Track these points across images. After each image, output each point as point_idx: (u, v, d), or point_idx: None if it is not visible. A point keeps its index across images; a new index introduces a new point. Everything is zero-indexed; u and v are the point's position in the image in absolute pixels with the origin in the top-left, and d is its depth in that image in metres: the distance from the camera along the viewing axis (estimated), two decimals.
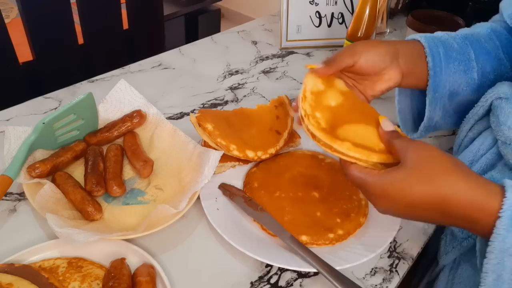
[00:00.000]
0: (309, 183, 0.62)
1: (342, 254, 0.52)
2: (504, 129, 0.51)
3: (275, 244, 0.54)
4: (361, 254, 0.52)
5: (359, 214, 0.58)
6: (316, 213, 0.57)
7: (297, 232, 0.54)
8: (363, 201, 0.60)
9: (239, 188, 0.62)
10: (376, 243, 0.53)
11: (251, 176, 0.63)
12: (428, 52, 0.58)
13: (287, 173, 0.64)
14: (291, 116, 0.69)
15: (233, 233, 0.53)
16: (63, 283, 0.47)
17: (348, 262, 0.50)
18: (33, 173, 0.57)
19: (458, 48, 0.60)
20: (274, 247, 0.54)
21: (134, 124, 0.67)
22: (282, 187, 0.61)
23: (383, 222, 0.56)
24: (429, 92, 0.59)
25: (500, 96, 0.53)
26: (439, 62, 0.58)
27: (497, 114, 0.52)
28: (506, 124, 0.51)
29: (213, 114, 0.65)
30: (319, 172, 0.64)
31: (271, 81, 0.93)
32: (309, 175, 0.64)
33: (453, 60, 0.59)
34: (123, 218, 0.57)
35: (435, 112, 0.61)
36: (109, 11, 1.31)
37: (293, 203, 0.59)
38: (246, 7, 3.31)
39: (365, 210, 0.58)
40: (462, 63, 0.59)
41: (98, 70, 0.90)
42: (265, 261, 0.50)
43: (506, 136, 0.51)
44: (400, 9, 1.25)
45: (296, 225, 0.55)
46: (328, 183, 0.62)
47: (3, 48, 1.11)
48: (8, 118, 0.74)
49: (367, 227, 0.57)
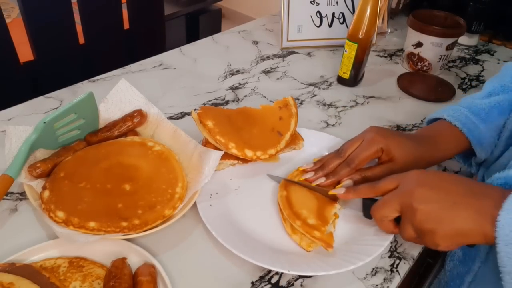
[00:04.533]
0: (124, 175, 0.58)
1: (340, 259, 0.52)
2: None
3: (274, 244, 0.54)
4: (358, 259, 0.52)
5: (166, 206, 0.55)
6: (118, 205, 0.54)
7: (86, 219, 0.51)
8: (177, 194, 0.57)
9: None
10: (369, 251, 0.53)
11: (61, 165, 0.59)
12: (458, 125, 0.61)
13: (104, 163, 0.60)
14: (295, 118, 0.69)
15: (226, 232, 0.53)
16: (64, 283, 0.47)
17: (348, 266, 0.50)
18: (34, 172, 0.57)
19: (483, 103, 0.62)
20: (272, 248, 0.54)
21: (135, 123, 0.67)
22: (92, 177, 0.57)
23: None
24: (475, 146, 0.61)
25: None
26: (469, 121, 0.61)
27: None
28: None
29: (215, 111, 0.65)
30: (142, 161, 0.61)
31: (272, 81, 0.93)
32: (128, 165, 0.60)
33: (487, 114, 0.61)
34: None
35: (486, 153, 0.62)
36: (110, 11, 1.31)
37: (96, 195, 0.55)
38: (247, 7, 3.31)
39: (175, 204, 0.56)
40: (496, 109, 0.61)
41: (99, 70, 0.90)
42: (257, 263, 0.50)
43: None
44: (401, 9, 1.25)
45: (88, 212, 0.52)
46: (146, 175, 0.59)
47: (4, 47, 1.11)
48: (9, 117, 0.74)
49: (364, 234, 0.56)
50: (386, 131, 0.61)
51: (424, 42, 0.95)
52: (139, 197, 0.56)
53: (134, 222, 0.52)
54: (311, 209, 0.56)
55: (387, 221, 0.52)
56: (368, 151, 0.59)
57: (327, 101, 0.87)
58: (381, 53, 1.09)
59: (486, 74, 1.03)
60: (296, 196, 0.58)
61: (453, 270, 0.61)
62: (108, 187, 0.56)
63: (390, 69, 1.02)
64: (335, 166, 0.61)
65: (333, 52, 1.07)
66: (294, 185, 0.61)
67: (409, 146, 0.59)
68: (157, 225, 0.53)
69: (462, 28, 0.95)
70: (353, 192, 0.55)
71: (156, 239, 0.54)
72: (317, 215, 0.55)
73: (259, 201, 0.61)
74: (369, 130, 0.62)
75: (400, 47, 1.12)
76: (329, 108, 0.84)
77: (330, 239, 0.53)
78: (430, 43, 0.95)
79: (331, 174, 0.60)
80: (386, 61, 1.05)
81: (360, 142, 0.60)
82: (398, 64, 1.04)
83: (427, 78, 0.98)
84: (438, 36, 0.93)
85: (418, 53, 0.98)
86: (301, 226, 0.54)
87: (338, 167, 0.61)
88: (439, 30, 0.92)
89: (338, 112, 0.84)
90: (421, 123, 0.82)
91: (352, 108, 0.85)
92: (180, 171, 0.60)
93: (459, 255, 0.60)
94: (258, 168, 0.66)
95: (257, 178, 0.65)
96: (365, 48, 0.86)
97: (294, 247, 0.55)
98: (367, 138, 0.60)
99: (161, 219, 0.54)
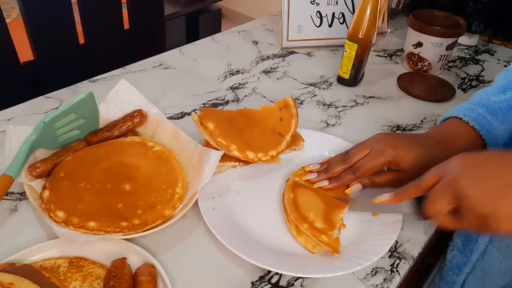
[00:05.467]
0: (124, 175, 0.58)
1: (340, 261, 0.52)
2: None
3: (277, 246, 0.54)
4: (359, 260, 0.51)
5: (166, 206, 0.55)
6: (118, 205, 0.54)
7: (86, 219, 0.51)
8: (177, 195, 0.57)
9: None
10: (374, 251, 0.53)
11: (61, 165, 0.59)
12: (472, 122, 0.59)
13: (104, 163, 0.60)
14: (295, 119, 0.69)
15: (230, 234, 0.53)
16: (64, 283, 0.47)
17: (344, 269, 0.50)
18: (34, 172, 0.57)
19: (499, 102, 0.61)
20: (272, 249, 0.53)
21: (135, 123, 0.67)
22: (92, 177, 0.57)
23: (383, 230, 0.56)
24: (490, 147, 0.59)
25: None
26: (484, 120, 0.59)
27: None
28: None
29: (216, 113, 0.65)
30: (142, 161, 0.61)
31: (272, 81, 0.93)
32: (128, 165, 0.60)
33: (505, 113, 0.59)
34: None
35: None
36: (110, 11, 1.31)
37: (96, 195, 0.55)
38: (247, 7, 3.31)
39: (175, 204, 0.56)
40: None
41: (99, 70, 0.90)
42: (259, 264, 0.50)
43: None
44: (401, 9, 1.25)
45: (88, 212, 0.52)
46: (146, 175, 0.59)
47: (4, 47, 1.12)
48: (9, 117, 0.74)
49: (368, 234, 0.56)
50: (396, 140, 0.59)
51: (424, 42, 0.95)
52: (139, 197, 0.56)
53: (134, 222, 0.52)
54: (318, 213, 0.56)
55: (443, 216, 0.49)
56: (375, 162, 0.58)
57: (327, 101, 0.87)
58: (381, 53, 1.09)
59: (486, 74, 1.03)
60: (303, 198, 0.58)
61: (453, 260, 0.61)
62: (108, 187, 0.56)
63: (390, 69, 1.02)
64: (340, 171, 0.60)
65: (333, 52, 1.07)
66: (301, 187, 0.60)
67: (419, 155, 0.57)
68: (157, 225, 0.53)
69: (462, 28, 0.95)
70: (401, 195, 0.53)
71: (156, 239, 0.54)
72: (324, 219, 0.55)
73: (261, 203, 0.61)
74: (379, 139, 0.60)
75: (400, 47, 1.12)
76: (329, 108, 0.84)
77: (337, 244, 0.53)
78: (430, 43, 0.95)
79: (334, 179, 0.60)
80: (386, 61, 1.05)
81: (368, 151, 0.59)
82: (398, 64, 1.04)
83: (427, 78, 0.98)
84: (438, 36, 0.93)
85: (418, 53, 0.98)
86: (308, 229, 0.53)
87: (342, 172, 0.60)
88: (439, 30, 0.92)
89: (338, 112, 0.84)
90: (421, 123, 0.82)
91: (352, 108, 0.85)
92: (180, 171, 0.60)
93: (459, 246, 0.60)
94: (259, 169, 0.66)
95: (258, 180, 0.65)
96: (365, 48, 0.86)
97: (298, 249, 0.55)
98: (376, 148, 0.58)
99: (161, 219, 0.54)
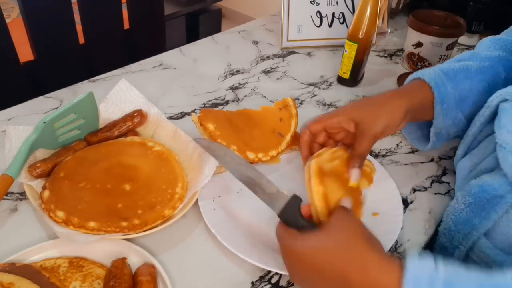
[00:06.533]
0: (124, 175, 0.58)
1: None
2: (503, 132, 0.50)
3: (274, 246, 0.54)
4: None
5: (166, 206, 0.55)
6: (118, 205, 0.54)
7: (86, 218, 0.51)
8: (177, 195, 0.57)
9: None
10: None
11: (61, 165, 0.59)
12: (432, 85, 0.59)
13: (104, 162, 0.60)
14: (295, 119, 0.69)
15: (230, 235, 0.53)
16: (64, 283, 0.47)
17: None
18: (34, 172, 0.57)
19: (452, 65, 0.62)
20: (272, 249, 0.53)
21: (135, 123, 0.67)
22: (92, 177, 0.57)
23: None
24: (437, 104, 0.59)
25: (506, 98, 0.52)
26: (439, 80, 0.59)
27: (500, 116, 0.52)
28: (506, 127, 0.50)
29: (215, 114, 0.65)
30: (142, 161, 0.61)
31: (272, 81, 0.93)
32: (128, 165, 0.60)
33: (455, 74, 0.60)
34: None
35: (445, 122, 0.61)
36: (110, 11, 1.31)
37: (96, 194, 0.55)
38: (247, 7, 3.31)
39: (175, 204, 0.56)
40: (463, 71, 0.60)
41: (99, 70, 0.90)
42: (259, 265, 0.50)
43: (503, 139, 0.50)
44: (401, 9, 1.25)
45: (88, 212, 0.52)
46: (146, 175, 0.59)
47: (4, 47, 1.12)
48: (9, 117, 0.74)
49: None
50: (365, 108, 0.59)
51: (424, 42, 0.95)
52: (139, 197, 0.56)
53: (134, 222, 0.52)
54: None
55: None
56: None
57: (327, 101, 0.87)
58: (381, 53, 1.09)
59: None
60: (331, 190, 0.51)
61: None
62: (108, 187, 0.56)
63: (390, 69, 1.02)
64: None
65: (333, 52, 1.07)
66: (327, 175, 0.52)
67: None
68: (157, 225, 0.53)
69: (462, 28, 0.95)
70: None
71: (156, 239, 0.54)
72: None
73: (261, 203, 0.60)
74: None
75: (400, 47, 1.12)
76: (329, 108, 0.84)
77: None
78: (430, 43, 0.95)
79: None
80: (386, 61, 1.05)
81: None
82: (398, 64, 1.04)
83: None
84: (438, 36, 0.93)
85: (418, 53, 0.98)
86: None
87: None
88: (439, 30, 0.92)
89: None
90: None
91: None
92: (180, 171, 0.60)
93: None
94: (259, 169, 0.65)
95: None
96: (365, 48, 0.86)
97: None
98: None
99: (161, 219, 0.54)
